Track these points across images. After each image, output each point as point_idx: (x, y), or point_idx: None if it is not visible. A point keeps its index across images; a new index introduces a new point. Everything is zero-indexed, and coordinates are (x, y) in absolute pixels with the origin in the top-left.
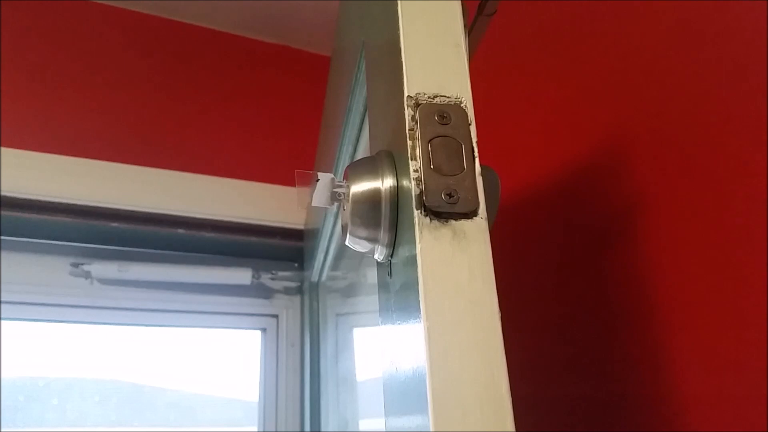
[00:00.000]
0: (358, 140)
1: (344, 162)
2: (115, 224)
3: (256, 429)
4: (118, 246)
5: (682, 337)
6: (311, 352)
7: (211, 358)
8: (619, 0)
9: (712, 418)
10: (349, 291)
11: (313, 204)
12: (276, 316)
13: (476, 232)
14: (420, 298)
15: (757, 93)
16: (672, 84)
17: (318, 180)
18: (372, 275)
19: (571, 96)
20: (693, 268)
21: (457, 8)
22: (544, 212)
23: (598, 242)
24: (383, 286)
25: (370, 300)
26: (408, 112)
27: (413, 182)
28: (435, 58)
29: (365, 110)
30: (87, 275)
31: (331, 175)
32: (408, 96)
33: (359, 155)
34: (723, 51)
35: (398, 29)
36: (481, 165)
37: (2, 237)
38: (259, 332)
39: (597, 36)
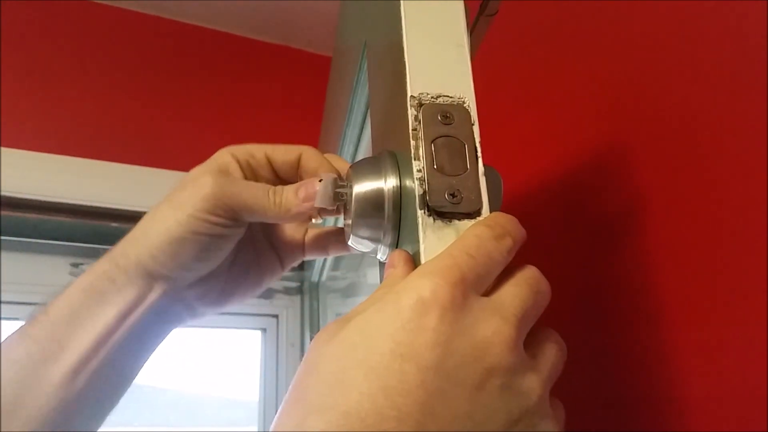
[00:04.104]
0: (359, 140)
1: None
2: (115, 224)
3: (256, 429)
4: None
5: (684, 336)
6: None
7: (211, 358)
8: (619, 0)
9: (712, 417)
10: (349, 291)
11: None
12: (276, 316)
13: None
14: None
15: (758, 92)
16: (674, 83)
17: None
18: (372, 275)
19: (573, 95)
20: (695, 267)
21: (460, 8)
22: (545, 211)
23: (599, 241)
24: None
25: None
26: (411, 112)
27: (416, 182)
28: (438, 59)
29: (367, 110)
30: None
31: (334, 175)
32: (411, 96)
33: (360, 155)
34: (723, 50)
35: (401, 29)
36: (483, 165)
37: (2, 237)
38: (259, 332)
39: (598, 35)
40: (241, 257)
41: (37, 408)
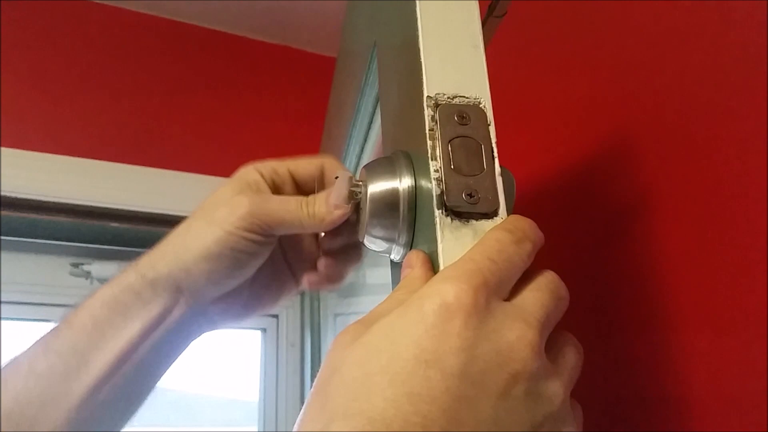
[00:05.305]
0: (365, 141)
1: (351, 162)
2: (115, 224)
3: (256, 429)
4: (118, 246)
5: (691, 335)
6: (311, 352)
7: (211, 358)
8: (624, 0)
9: (712, 417)
10: (349, 291)
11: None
12: (276, 316)
13: None
14: None
15: (758, 91)
16: (681, 80)
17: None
18: (372, 275)
19: (578, 95)
20: (704, 265)
21: (475, 9)
22: (552, 211)
23: (607, 241)
24: None
25: (370, 300)
26: (428, 113)
27: (434, 182)
28: (454, 59)
29: (374, 111)
30: (87, 275)
31: (350, 174)
32: (428, 96)
33: (366, 156)
34: (724, 50)
35: (417, 30)
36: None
37: (2, 237)
38: (259, 332)
39: (605, 34)
40: (262, 272)
41: (57, 425)
